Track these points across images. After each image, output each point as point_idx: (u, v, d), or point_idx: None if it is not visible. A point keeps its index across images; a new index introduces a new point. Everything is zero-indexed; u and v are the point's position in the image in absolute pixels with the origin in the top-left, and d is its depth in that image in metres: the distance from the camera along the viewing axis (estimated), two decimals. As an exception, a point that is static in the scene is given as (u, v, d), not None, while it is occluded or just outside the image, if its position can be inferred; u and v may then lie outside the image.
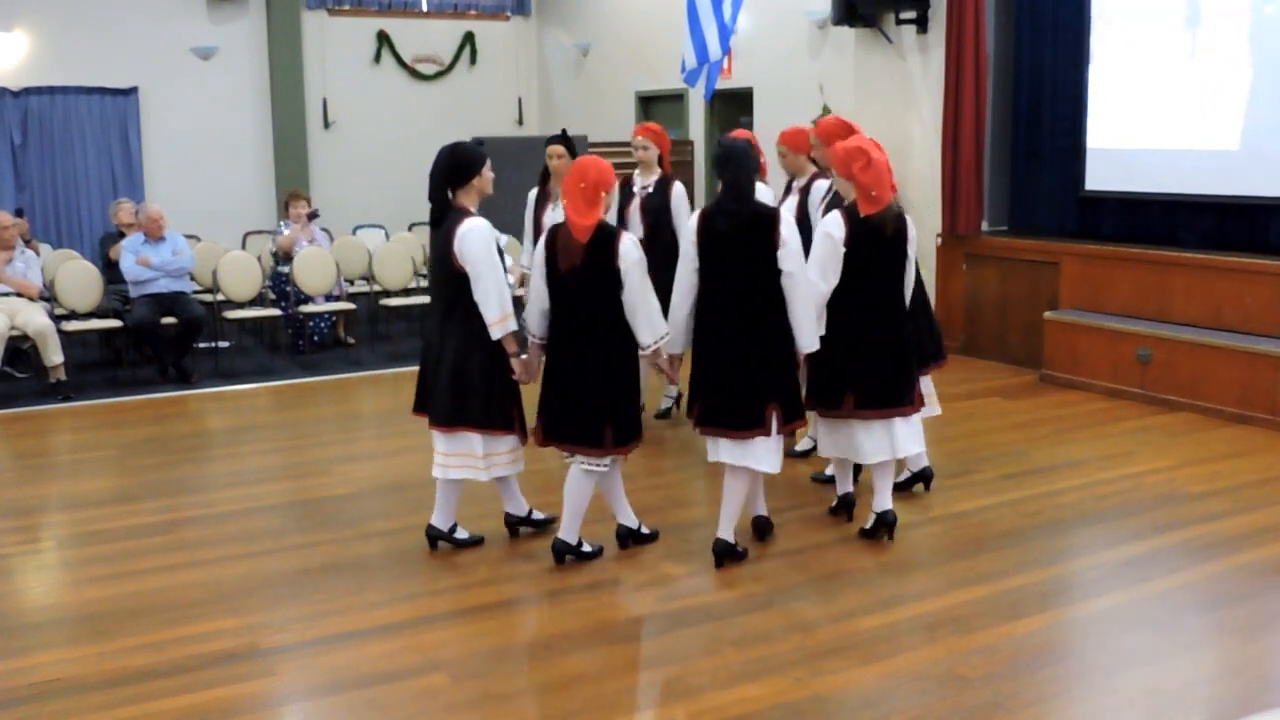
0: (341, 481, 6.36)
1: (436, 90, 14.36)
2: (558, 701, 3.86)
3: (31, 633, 4.48)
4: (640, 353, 4.88)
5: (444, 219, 4.89)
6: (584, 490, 4.93)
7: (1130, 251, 8.15)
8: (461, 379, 4.85)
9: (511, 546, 5.25)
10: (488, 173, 4.99)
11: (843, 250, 4.94)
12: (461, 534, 5.22)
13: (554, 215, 6.71)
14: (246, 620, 4.52)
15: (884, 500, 5.19)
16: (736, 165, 4.82)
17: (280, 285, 10.15)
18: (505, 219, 6.90)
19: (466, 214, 4.86)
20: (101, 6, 12.51)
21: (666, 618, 4.53)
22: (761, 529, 5.26)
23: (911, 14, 9.31)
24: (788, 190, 6.41)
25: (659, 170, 6.94)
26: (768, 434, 4.77)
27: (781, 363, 4.80)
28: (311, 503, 6.00)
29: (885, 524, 5.18)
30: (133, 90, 12.71)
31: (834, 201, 5.56)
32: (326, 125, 13.77)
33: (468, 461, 4.95)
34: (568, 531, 4.97)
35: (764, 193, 6.24)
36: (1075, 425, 7.27)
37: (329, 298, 10.00)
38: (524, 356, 4.94)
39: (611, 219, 6.84)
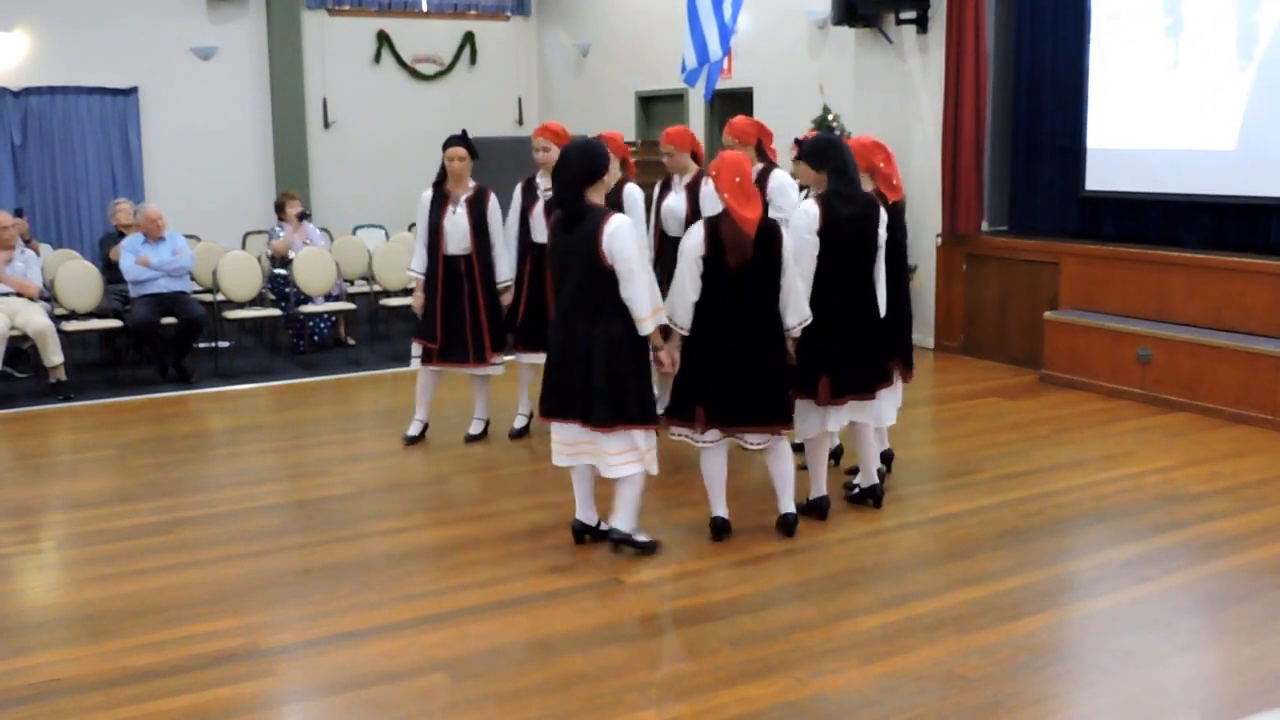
0: (341, 481, 6.36)
1: (436, 90, 14.35)
2: (558, 701, 3.86)
3: (31, 633, 4.48)
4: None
5: (579, 219, 4.84)
6: (723, 467, 5.24)
7: (1130, 251, 8.15)
8: (618, 378, 4.86)
9: (510, 546, 5.25)
10: (612, 167, 5.14)
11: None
12: (642, 537, 5.15)
13: (453, 218, 6.65)
14: (246, 620, 4.52)
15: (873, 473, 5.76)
16: (837, 155, 5.22)
17: (280, 285, 10.15)
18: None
19: (609, 212, 4.87)
20: (101, 6, 12.50)
21: (666, 618, 4.53)
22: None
23: (911, 14, 9.32)
24: (665, 187, 6.49)
25: None
26: (891, 384, 5.53)
27: (886, 326, 5.44)
28: (311, 503, 6.00)
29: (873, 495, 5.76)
30: (133, 90, 12.69)
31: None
32: (326, 125, 13.76)
33: (632, 457, 4.97)
34: (720, 507, 5.29)
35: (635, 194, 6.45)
36: (1075, 425, 7.27)
37: (329, 298, 10.00)
38: (668, 346, 5.05)
39: (514, 221, 6.85)
